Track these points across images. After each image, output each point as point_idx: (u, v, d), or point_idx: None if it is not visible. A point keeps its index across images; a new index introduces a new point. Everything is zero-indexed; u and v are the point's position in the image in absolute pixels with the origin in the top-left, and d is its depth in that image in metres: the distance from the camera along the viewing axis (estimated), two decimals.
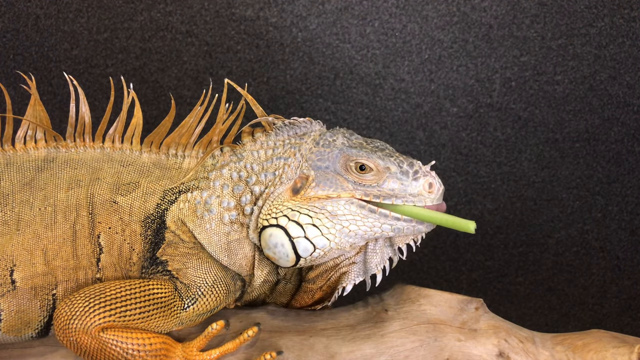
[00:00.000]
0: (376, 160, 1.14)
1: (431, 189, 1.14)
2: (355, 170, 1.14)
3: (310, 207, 1.14)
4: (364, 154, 1.15)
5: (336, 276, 1.23)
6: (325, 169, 1.15)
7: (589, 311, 2.19)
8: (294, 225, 1.14)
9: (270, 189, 1.17)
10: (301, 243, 1.14)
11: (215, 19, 2.15)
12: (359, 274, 1.23)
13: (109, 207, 1.19)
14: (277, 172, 1.18)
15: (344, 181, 1.15)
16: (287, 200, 1.16)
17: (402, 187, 1.14)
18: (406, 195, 1.13)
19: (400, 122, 2.21)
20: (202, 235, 1.18)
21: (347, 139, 1.19)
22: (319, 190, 1.15)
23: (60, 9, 2.13)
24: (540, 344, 1.22)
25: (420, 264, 2.19)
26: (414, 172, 1.14)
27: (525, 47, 2.17)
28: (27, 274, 1.14)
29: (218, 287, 1.17)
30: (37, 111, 1.21)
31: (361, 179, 1.14)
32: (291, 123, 1.21)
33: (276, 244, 1.15)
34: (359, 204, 1.13)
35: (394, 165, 1.14)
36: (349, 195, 1.14)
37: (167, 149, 1.24)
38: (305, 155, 1.17)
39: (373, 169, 1.14)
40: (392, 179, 1.14)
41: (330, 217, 1.14)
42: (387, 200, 1.13)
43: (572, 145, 2.21)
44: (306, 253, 1.14)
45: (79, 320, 1.06)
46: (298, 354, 1.18)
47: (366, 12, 2.17)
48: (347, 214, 1.14)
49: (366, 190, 1.14)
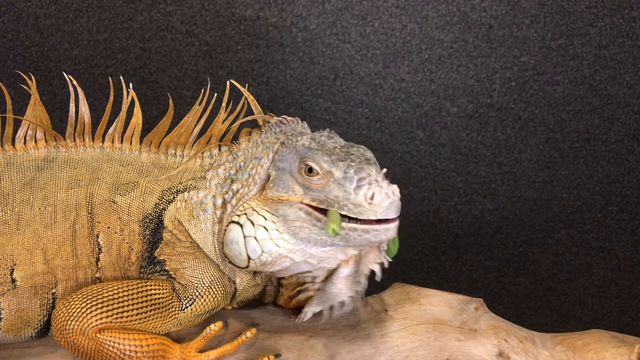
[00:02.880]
0: (321, 163, 1.07)
1: (372, 201, 1.02)
2: (305, 173, 1.09)
3: (268, 209, 1.11)
4: (312, 155, 1.08)
5: (304, 297, 1.20)
6: (283, 170, 1.12)
7: (589, 311, 2.19)
8: (249, 224, 1.12)
9: (245, 189, 1.16)
10: (251, 243, 1.11)
11: (215, 19, 2.15)
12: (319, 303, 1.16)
13: (108, 206, 1.19)
14: (252, 172, 1.16)
15: (295, 184, 1.10)
16: (252, 199, 1.14)
17: (344, 194, 1.04)
18: (348, 205, 1.04)
19: (400, 122, 2.21)
20: (197, 235, 1.18)
21: (315, 141, 1.13)
22: (274, 191, 1.11)
23: (60, 9, 2.13)
24: (540, 344, 1.22)
25: (420, 264, 2.19)
26: (358, 179, 1.04)
27: (525, 47, 2.17)
28: (27, 273, 1.15)
29: (215, 287, 1.17)
30: (37, 111, 1.21)
31: (310, 183, 1.08)
32: (279, 121, 1.20)
33: (232, 240, 1.12)
34: (306, 210, 1.08)
35: (339, 170, 1.05)
36: (298, 199, 1.09)
37: (166, 148, 1.24)
38: (274, 156, 1.15)
39: (319, 173, 1.07)
40: (336, 185, 1.05)
41: (282, 222, 1.09)
42: (333, 207, 1.05)
43: (572, 145, 2.21)
44: (254, 254, 1.11)
45: (76, 322, 1.06)
46: (298, 354, 1.18)
47: (366, 12, 2.17)
48: (295, 220, 1.09)
49: (314, 195, 1.08)
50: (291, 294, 1.22)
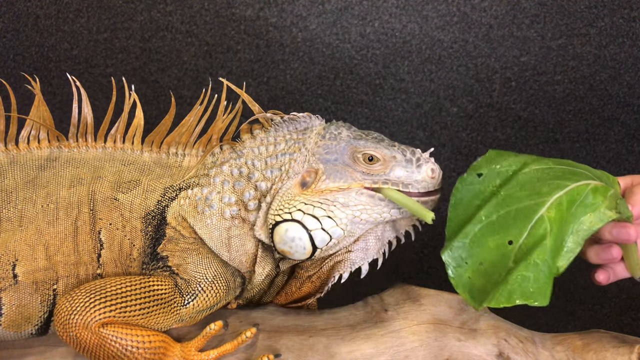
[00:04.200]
0: (383, 150, 1.18)
1: (433, 175, 1.19)
2: (364, 161, 1.18)
3: (323, 200, 1.17)
4: (370, 145, 1.19)
5: (329, 265, 1.24)
6: (335, 162, 1.18)
7: (589, 311, 2.19)
8: (310, 218, 1.16)
9: (277, 184, 1.19)
10: (318, 235, 1.16)
11: (215, 19, 2.15)
12: (356, 261, 1.24)
13: (110, 204, 1.21)
14: (284, 168, 1.19)
15: (353, 172, 1.18)
16: (297, 194, 1.18)
17: (407, 174, 1.18)
18: (412, 182, 1.18)
19: (400, 122, 2.21)
20: (202, 230, 1.20)
21: (353, 132, 1.23)
22: (330, 182, 1.17)
23: (60, 9, 2.13)
24: (540, 344, 1.22)
25: (420, 264, 2.19)
26: (416, 159, 1.19)
27: (525, 47, 2.17)
28: (29, 269, 1.16)
29: (218, 283, 1.19)
30: (41, 111, 1.23)
31: (369, 169, 1.18)
32: (291, 118, 1.24)
33: (293, 237, 1.16)
34: (368, 194, 1.17)
35: (399, 154, 1.19)
36: (359, 186, 1.17)
37: (167, 147, 1.27)
38: (312, 150, 1.20)
39: (380, 159, 1.18)
40: (398, 167, 1.18)
41: (343, 207, 1.17)
42: (395, 186, 1.17)
43: (572, 145, 2.20)
44: (323, 244, 1.17)
45: (80, 315, 1.06)
46: (298, 354, 1.18)
47: (366, 12, 2.17)
48: (358, 204, 1.17)
49: (374, 179, 1.17)
50: (312, 272, 1.26)
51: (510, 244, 1.07)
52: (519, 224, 1.07)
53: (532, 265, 1.04)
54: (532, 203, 1.07)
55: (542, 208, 1.06)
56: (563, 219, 1.05)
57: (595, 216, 1.04)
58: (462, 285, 1.08)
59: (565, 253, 1.05)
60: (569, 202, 1.05)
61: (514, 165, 1.14)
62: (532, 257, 1.04)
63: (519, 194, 1.09)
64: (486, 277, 1.07)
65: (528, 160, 1.14)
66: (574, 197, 1.06)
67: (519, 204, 1.08)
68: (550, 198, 1.06)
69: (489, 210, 1.10)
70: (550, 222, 1.05)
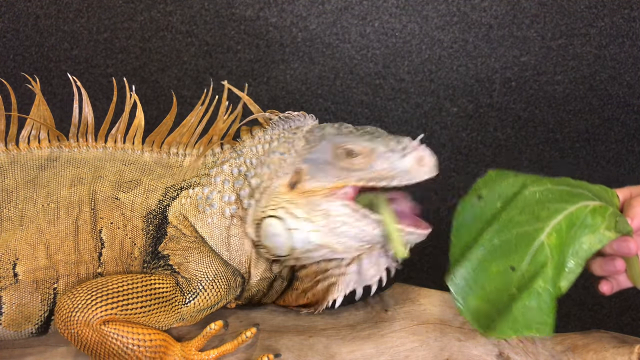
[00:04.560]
0: (362, 143, 1.13)
1: (422, 162, 1.11)
2: (345, 157, 1.13)
3: (306, 202, 1.14)
4: (350, 139, 1.14)
5: (324, 285, 1.22)
6: (317, 161, 1.15)
7: (589, 311, 2.19)
8: (291, 217, 1.14)
9: (267, 182, 1.18)
10: (297, 234, 1.14)
11: (215, 19, 2.15)
12: (350, 285, 1.20)
13: (111, 203, 1.21)
14: (273, 167, 1.19)
15: (335, 170, 1.13)
16: (284, 193, 1.16)
17: (391, 165, 1.11)
18: (398, 173, 1.11)
19: (400, 122, 2.21)
20: (204, 229, 1.20)
21: (336, 129, 1.19)
22: (314, 182, 1.14)
23: (60, 9, 2.13)
24: (540, 343, 1.22)
25: (420, 264, 2.19)
26: (402, 148, 1.12)
27: (525, 47, 2.17)
28: (30, 268, 1.16)
29: (219, 281, 1.18)
30: (42, 111, 1.23)
31: (351, 165, 1.12)
32: (286, 117, 1.23)
33: (274, 233, 1.15)
34: (352, 207, 1.12)
35: (381, 145, 1.12)
36: (343, 184, 1.13)
37: (168, 147, 1.27)
38: (299, 149, 1.18)
39: (361, 153, 1.12)
40: (381, 159, 1.11)
41: (323, 214, 1.13)
42: (382, 182, 1.11)
43: (572, 145, 2.20)
44: (301, 244, 1.14)
45: (81, 313, 1.07)
46: (298, 354, 1.18)
47: (366, 12, 2.17)
48: (340, 215, 1.12)
49: (358, 175, 1.12)
50: (307, 286, 1.24)
51: (513, 270, 1.07)
52: (519, 249, 1.07)
53: (535, 295, 1.05)
54: (531, 229, 1.07)
55: (541, 234, 1.06)
56: (563, 243, 1.05)
57: (594, 237, 1.05)
58: (468, 312, 1.08)
59: (567, 274, 1.06)
60: (568, 226, 1.06)
61: (513, 186, 1.12)
62: (535, 285, 1.05)
63: (519, 219, 1.09)
64: (490, 303, 1.07)
65: (527, 182, 1.13)
66: (572, 220, 1.06)
67: (519, 228, 1.08)
68: (549, 223, 1.07)
69: (491, 235, 1.09)
70: (550, 248, 1.05)
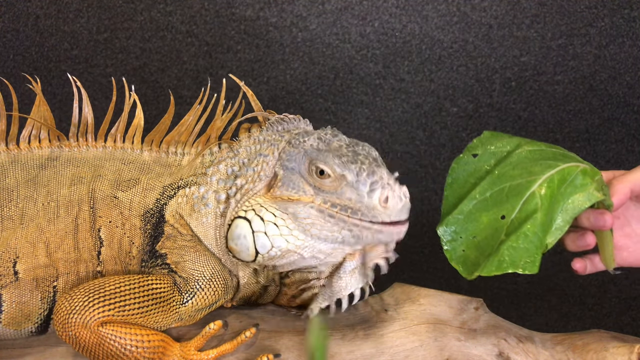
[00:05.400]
0: (333, 167, 1.08)
1: (386, 204, 1.05)
2: (316, 175, 1.10)
3: (277, 206, 1.13)
4: (324, 158, 1.09)
5: (308, 295, 1.22)
6: (292, 170, 1.13)
7: (589, 311, 2.19)
8: (258, 219, 1.13)
9: (250, 184, 1.17)
10: (260, 238, 1.12)
11: (215, 19, 2.15)
12: (325, 299, 1.18)
13: (110, 202, 1.21)
14: (256, 169, 1.17)
15: (306, 185, 1.11)
16: (260, 196, 1.15)
17: (358, 197, 1.07)
18: (362, 208, 1.07)
19: (400, 122, 2.21)
20: (199, 228, 1.20)
21: (322, 140, 1.14)
22: (283, 190, 1.13)
23: (60, 9, 2.13)
24: (540, 343, 1.22)
25: (420, 264, 2.19)
26: (371, 182, 1.06)
27: (525, 47, 2.17)
28: (30, 266, 1.17)
29: (216, 280, 1.18)
30: (42, 111, 1.24)
31: (321, 185, 1.10)
32: (281, 119, 1.22)
33: (239, 235, 1.13)
34: (318, 208, 1.10)
35: (352, 174, 1.07)
36: (309, 200, 1.10)
37: (167, 147, 1.27)
38: (281, 154, 1.16)
39: (331, 175, 1.09)
40: (350, 188, 1.07)
41: (292, 219, 1.11)
42: (344, 211, 1.08)
43: (572, 145, 2.20)
44: (264, 249, 1.12)
45: (79, 315, 1.07)
46: (298, 354, 1.18)
47: (366, 12, 2.17)
48: (306, 218, 1.10)
49: (325, 197, 1.09)
50: (294, 293, 1.24)
51: (503, 219, 1.11)
52: (511, 200, 1.11)
53: (523, 237, 1.08)
54: (524, 181, 1.11)
55: (533, 185, 1.10)
56: (553, 196, 1.08)
57: (584, 196, 1.07)
58: (455, 258, 1.13)
59: (554, 230, 1.08)
60: (560, 180, 1.09)
61: (508, 146, 1.17)
62: (523, 229, 1.08)
63: (512, 173, 1.13)
64: (479, 249, 1.12)
65: (522, 142, 1.17)
66: (564, 176, 1.09)
67: (511, 181, 1.12)
68: (542, 176, 1.10)
69: (483, 188, 1.13)
70: (541, 198, 1.09)
